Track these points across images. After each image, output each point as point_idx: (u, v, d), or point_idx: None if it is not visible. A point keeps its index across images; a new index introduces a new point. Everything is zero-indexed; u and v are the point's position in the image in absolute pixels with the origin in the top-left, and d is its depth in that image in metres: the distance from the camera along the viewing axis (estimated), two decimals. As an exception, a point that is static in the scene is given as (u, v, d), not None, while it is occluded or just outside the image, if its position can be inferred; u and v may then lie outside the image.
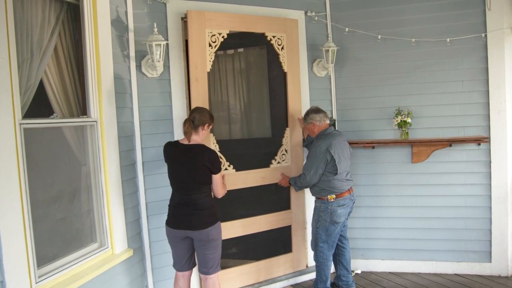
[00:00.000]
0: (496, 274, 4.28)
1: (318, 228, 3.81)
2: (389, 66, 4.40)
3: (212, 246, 3.18)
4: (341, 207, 3.75)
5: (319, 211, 3.80)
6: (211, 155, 3.15)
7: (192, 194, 3.14)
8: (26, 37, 2.60)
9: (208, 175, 3.15)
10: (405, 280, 4.30)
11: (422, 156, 4.32)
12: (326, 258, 3.83)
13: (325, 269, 3.85)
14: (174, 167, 3.22)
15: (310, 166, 3.74)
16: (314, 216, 3.87)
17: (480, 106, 4.21)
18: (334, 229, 3.77)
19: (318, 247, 3.83)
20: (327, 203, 3.74)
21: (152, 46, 3.36)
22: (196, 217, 3.13)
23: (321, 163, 3.69)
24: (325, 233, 3.78)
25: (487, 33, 4.10)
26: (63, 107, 2.99)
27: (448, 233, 4.37)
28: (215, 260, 3.22)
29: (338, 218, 3.75)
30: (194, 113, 3.22)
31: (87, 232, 3.16)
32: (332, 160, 3.68)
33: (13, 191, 2.35)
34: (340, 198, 3.75)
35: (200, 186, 3.14)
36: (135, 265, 3.49)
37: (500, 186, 4.19)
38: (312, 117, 3.83)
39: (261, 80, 4.56)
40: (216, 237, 3.18)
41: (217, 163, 3.18)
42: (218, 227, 3.22)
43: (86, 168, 3.14)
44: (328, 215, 3.74)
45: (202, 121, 3.19)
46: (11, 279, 2.30)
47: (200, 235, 3.14)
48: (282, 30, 4.17)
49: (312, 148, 3.79)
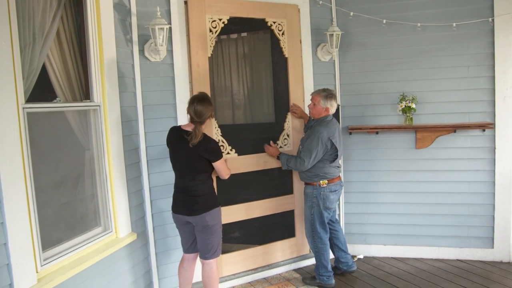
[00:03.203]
0: (498, 260, 4.30)
1: (313, 214, 3.83)
2: (394, 51, 4.36)
3: (208, 232, 3.22)
4: (333, 192, 3.81)
5: (312, 197, 3.82)
6: (207, 145, 3.14)
7: (188, 180, 3.20)
8: (28, 21, 2.58)
9: (204, 164, 3.17)
10: (407, 266, 4.33)
11: (426, 142, 4.30)
12: (324, 243, 3.87)
13: (324, 253, 3.88)
14: (174, 152, 3.26)
15: (309, 152, 3.70)
16: (307, 203, 3.88)
17: (486, 92, 4.17)
18: (327, 215, 3.84)
19: (316, 233, 3.85)
20: (319, 188, 3.77)
21: (155, 30, 3.33)
22: (192, 203, 3.18)
23: (321, 150, 3.69)
24: (319, 219, 3.82)
25: (494, 17, 4.05)
26: (66, 91, 2.98)
27: (451, 219, 4.38)
28: (212, 246, 3.25)
29: (331, 203, 3.81)
30: (198, 110, 3.11)
31: (91, 216, 3.18)
32: (332, 148, 3.70)
33: (17, 176, 2.35)
34: (331, 184, 3.79)
35: (195, 174, 3.17)
36: (138, 249, 3.52)
37: (504, 172, 4.18)
38: (332, 103, 3.76)
39: (264, 65, 4.53)
40: (212, 223, 3.20)
41: (215, 152, 3.18)
42: (215, 213, 3.23)
43: (90, 152, 3.15)
44: (321, 200, 3.78)
45: (205, 118, 3.14)
46: (16, 262, 2.32)
47: (196, 221, 3.19)
48: (283, 15, 4.14)
49: (313, 134, 3.72)
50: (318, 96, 3.78)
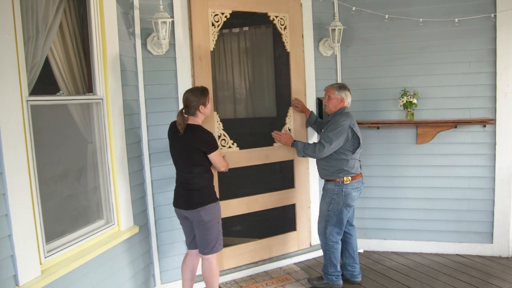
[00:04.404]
0: (497, 255, 4.33)
1: (330, 211, 3.67)
2: (396, 47, 4.36)
3: (204, 227, 3.18)
4: (355, 189, 3.66)
5: (332, 193, 3.66)
6: (203, 137, 3.13)
7: (185, 173, 3.20)
8: (31, 14, 2.58)
9: (200, 157, 3.14)
10: (407, 260, 4.36)
11: (427, 137, 4.31)
12: (335, 241, 3.71)
13: (335, 252, 3.73)
14: (172, 146, 3.27)
15: (331, 139, 3.55)
16: (326, 199, 3.72)
17: (487, 88, 4.18)
18: (347, 212, 3.68)
19: (328, 231, 3.70)
20: (342, 185, 3.62)
21: (157, 24, 3.33)
22: (188, 197, 3.17)
23: (343, 138, 3.56)
24: (337, 216, 3.66)
25: (496, 13, 4.04)
26: (68, 84, 2.99)
27: (451, 214, 4.40)
28: (209, 241, 3.22)
29: (352, 201, 3.65)
30: (185, 97, 3.15)
31: (94, 209, 3.20)
32: (353, 137, 3.58)
33: (22, 168, 2.37)
34: (355, 181, 3.65)
35: (191, 167, 3.16)
36: (140, 242, 3.54)
37: (504, 168, 4.19)
38: (346, 93, 3.71)
39: (266, 60, 4.54)
40: (207, 218, 3.16)
41: (210, 144, 3.15)
42: (212, 209, 3.19)
43: (92, 145, 3.16)
44: (342, 198, 3.62)
45: (195, 107, 3.13)
46: (20, 254, 2.34)
47: (191, 215, 3.18)
48: (285, 10, 4.14)
49: (334, 123, 3.61)
50: (331, 88, 3.73)
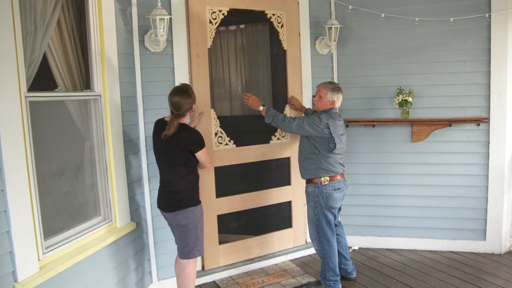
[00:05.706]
0: (490, 251, 4.39)
1: (317, 214, 3.61)
2: (392, 45, 4.40)
3: (180, 231, 3.11)
4: (337, 190, 3.58)
5: (314, 196, 3.60)
6: (188, 135, 3.04)
7: (167, 174, 3.12)
8: (29, 9, 2.57)
9: (184, 156, 3.04)
10: (402, 257, 4.40)
11: (422, 135, 4.35)
12: (331, 245, 3.63)
13: (332, 255, 3.63)
14: (156, 146, 3.19)
15: (304, 122, 3.52)
16: (310, 203, 3.65)
17: (481, 86, 4.23)
18: (331, 215, 3.62)
19: (322, 235, 3.62)
20: (321, 186, 3.56)
21: (155, 21, 3.33)
22: (168, 199, 3.12)
23: (315, 131, 3.50)
24: (325, 219, 3.60)
25: (491, 13, 4.09)
26: (66, 81, 2.98)
27: (444, 212, 4.45)
28: (186, 246, 3.12)
29: (334, 202, 3.59)
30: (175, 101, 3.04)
31: (92, 205, 3.20)
32: (328, 137, 3.51)
33: (20, 164, 2.36)
34: (334, 181, 3.57)
35: (175, 167, 3.07)
36: (138, 239, 3.54)
37: (498, 166, 4.25)
38: (338, 97, 3.64)
39: (262, 58, 4.55)
40: (184, 222, 3.07)
41: (196, 142, 3.07)
42: (190, 212, 3.08)
43: (90, 142, 3.16)
44: (323, 199, 3.56)
45: (187, 109, 3.08)
46: (19, 250, 2.34)
47: (170, 218, 3.13)
48: (282, 8, 4.16)
49: (316, 116, 3.58)
50: (325, 88, 3.65)
